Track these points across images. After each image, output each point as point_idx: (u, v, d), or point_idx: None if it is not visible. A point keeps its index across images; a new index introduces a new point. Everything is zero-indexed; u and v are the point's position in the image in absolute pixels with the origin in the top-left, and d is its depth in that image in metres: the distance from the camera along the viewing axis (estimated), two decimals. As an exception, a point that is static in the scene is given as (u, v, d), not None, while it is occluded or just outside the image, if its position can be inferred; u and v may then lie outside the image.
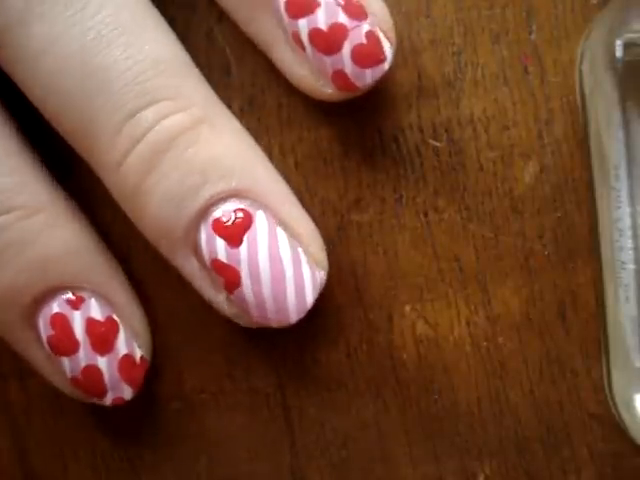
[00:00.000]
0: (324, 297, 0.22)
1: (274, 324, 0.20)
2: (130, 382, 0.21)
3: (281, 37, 0.20)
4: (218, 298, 0.20)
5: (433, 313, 0.22)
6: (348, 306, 0.22)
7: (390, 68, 0.20)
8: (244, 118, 0.21)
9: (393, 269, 0.22)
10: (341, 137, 0.21)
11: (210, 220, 0.19)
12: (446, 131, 0.21)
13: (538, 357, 0.22)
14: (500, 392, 0.22)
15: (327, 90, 0.20)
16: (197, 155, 0.19)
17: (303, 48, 0.20)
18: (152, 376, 0.22)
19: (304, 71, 0.20)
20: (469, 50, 0.21)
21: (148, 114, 0.19)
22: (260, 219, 0.20)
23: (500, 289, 0.21)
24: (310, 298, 0.20)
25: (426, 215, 0.21)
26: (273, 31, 0.20)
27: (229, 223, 0.19)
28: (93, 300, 0.20)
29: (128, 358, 0.21)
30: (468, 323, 0.22)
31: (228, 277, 0.20)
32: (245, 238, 0.19)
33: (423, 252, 0.22)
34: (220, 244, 0.19)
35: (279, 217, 0.20)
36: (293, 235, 0.20)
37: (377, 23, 0.19)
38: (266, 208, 0.20)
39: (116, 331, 0.21)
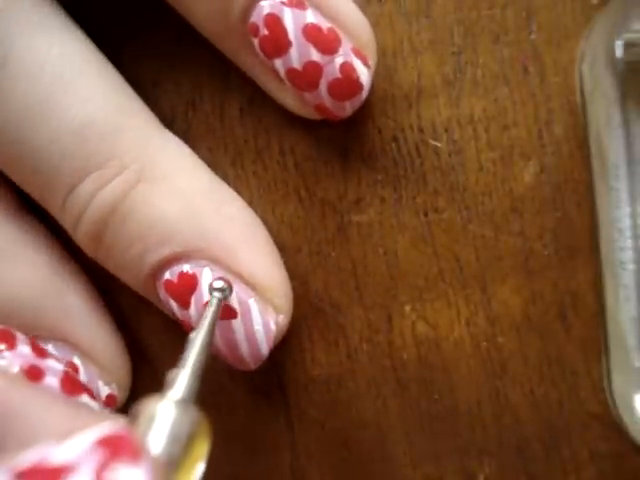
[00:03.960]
0: (324, 297, 0.22)
1: (239, 368, 0.20)
2: None
3: (263, 70, 0.20)
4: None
5: (433, 313, 0.22)
6: (348, 306, 0.22)
7: (389, 68, 0.20)
8: (244, 118, 0.21)
9: (393, 269, 0.22)
10: (341, 137, 0.21)
11: (162, 281, 0.20)
12: (446, 131, 0.21)
13: (538, 357, 0.22)
14: (500, 392, 0.22)
15: (315, 116, 0.20)
16: (134, 225, 0.19)
17: (284, 83, 0.20)
18: (152, 377, 0.22)
19: (290, 100, 0.20)
20: (469, 50, 0.21)
21: (83, 189, 0.19)
22: (205, 279, 0.19)
23: (500, 289, 0.21)
24: (264, 349, 0.20)
25: (426, 215, 0.21)
26: (256, 66, 0.20)
27: (176, 286, 0.20)
28: (50, 346, 0.20)
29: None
30: (468, 323, 0.22)
31: (187, 328, 0.20)
32: (192, 301, 0.19)
33: (423, 252, 0.22)
34: (173, 304, 0.20)
35: (230, 269, 0.20)
36: (246, 284, 0.20)
37: (353, 43, 0.19)
38: (214, 262, 0.20)
39: (76, 374, 0.20)
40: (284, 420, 0.22)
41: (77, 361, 0.21)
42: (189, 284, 0.19)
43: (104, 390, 0.21)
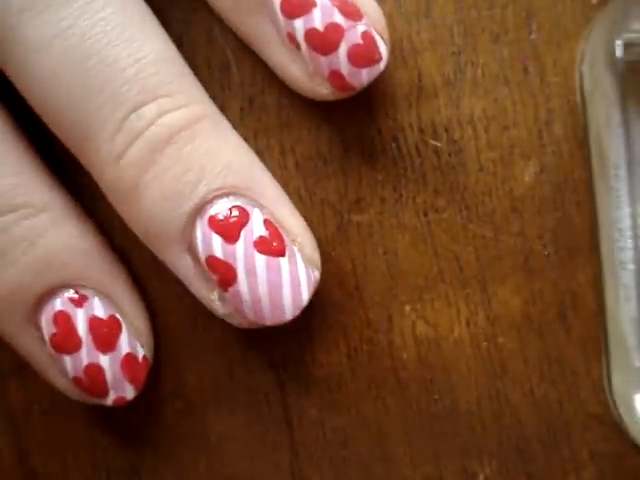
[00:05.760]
0: (324, 297, 0.22)
1: (268, 322, 0.20)
2: (132, 381, 0.21)
3: (276, 38, 0.20)
4: (211, 297, 0.20)
5: (433, 313, 0.22)
6: (348, 306, 0.22)
7: (389, 68, 0.20)
8: (244, 118, 0.21)
9: (393, 269, 0.22)
10: (341, 137, 0.21)
11: (206, 217, 0.19)
12: (446, 131, 0.21)
13: (538, 357, 0.22)
14: (500, 392, 0.22)
15: (323, 90, 0.20)
16: (195, 151, 0.19)
17: (299, 48, 0.20)
18: (153, 376, 0.22)
19: (299, 72, 0.20)
20: (469, 50, 0.21)
21: (149, 110, 0.19)
22: (256, 216, 0.20)
23: (500, 289, 0.21)
24: (305, 295, 0.20)
25: (426, 215, 0.21)
26: (268, 32, 0.20)
27: (225, 220, 0.19)
28: (96, 299, 0.20)
29: (130, 357, 0.21)
30: (468, 323, 0.22)
31: (224, 274, 0.19)
32: (242, 234, 0.19)
33: (423, 252, 0.22)
34: (216, 241, 0.19)
35: (274, 216, 0.20)
36: (288, 234, 0.20)
37: (371, 23, 0.20)
38: (261, 206, 0.20)
39: (119, 330, 0.21)
40: (284, 420, 0.22)
41: (119, 317, 0.21)
42: (241, 218, 0.19)
43: (140, 351, 0.21)
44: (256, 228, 0.19)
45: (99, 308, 0.20)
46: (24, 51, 0.19)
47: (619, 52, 0.20)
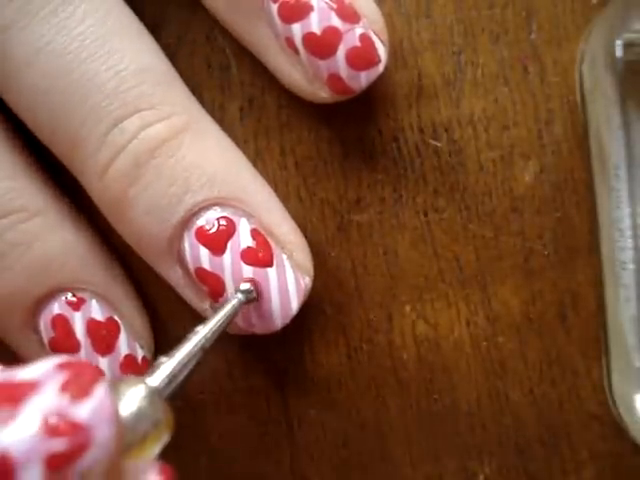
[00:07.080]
0: (324, 297, 0.22)
1: (258, 331, 0.20)
2: None
3: (274, 42, 0.20)
4: (203, 306, 0.20)
5: (433, 313, 0.22)
6: (348, 306, 0.22)
7: (389, 68, 0.20)
8: (244, 118, 0.21)
9: (393, 269, 0.22)
10: (341, 137, 0.21)
11: (193, 229, 0.19)
12: (446, 131, 0.21)
13: (538, 357, 0.22)
14: (500, 392, 0.22)
15: (321, 94, 0.20)
16: (179, 164, 0.19)
17: (297, 53, 0.20)
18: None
19: (298, 75, 0.20)
20: (469, 50, 0.21)
21: (130, 124, 0.19)
22: (243, 227, 0.20)
23: (500, 289, 0.21)
24: (295, 304, 0.20)
25: (426, 215, 0.21)
26: (266, 37, 0.20)
27: (212, 231, 0.19)
28: (94, 301, 0.20)
29: (130, 358, 0.21)
30: (468, 323, 0.22)
31: (212, 285, 0.20)
32: (228, 246, 0.19)
33: (423, 252, 0.22)
34: (204, 253, 0.19)
35: (263, 224, 0.20)
36: (277, 242, 0.20)
37: (369, 25, 0.19)
38: (249, 215, 0.20)
39: (117, 332, 0.21)
40: (284, 420, 0.22)
41: (117, 319, 0.21)
42: (227, 229, 0.19)
43: (140, 352, 0.21)
44: (243, 239, 0.19)
45: (97, 311, 0.20)
46: (9, 67, 0.19)
47: (619, 52, 0.20)
